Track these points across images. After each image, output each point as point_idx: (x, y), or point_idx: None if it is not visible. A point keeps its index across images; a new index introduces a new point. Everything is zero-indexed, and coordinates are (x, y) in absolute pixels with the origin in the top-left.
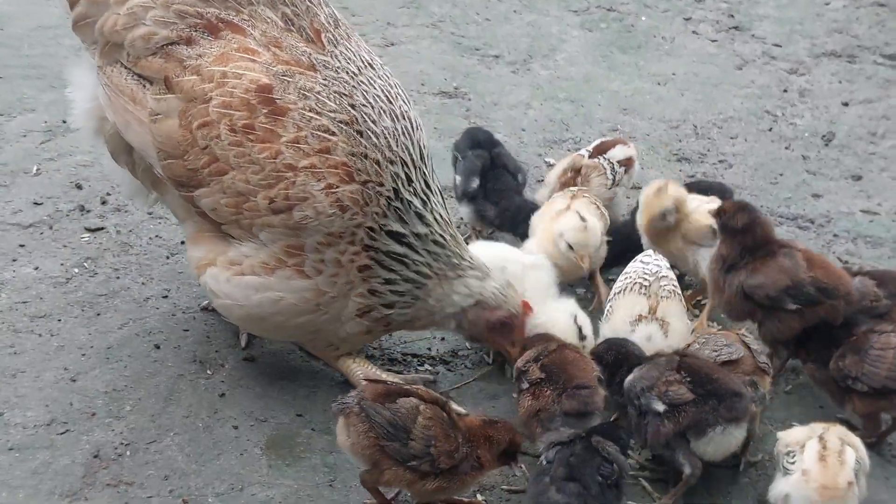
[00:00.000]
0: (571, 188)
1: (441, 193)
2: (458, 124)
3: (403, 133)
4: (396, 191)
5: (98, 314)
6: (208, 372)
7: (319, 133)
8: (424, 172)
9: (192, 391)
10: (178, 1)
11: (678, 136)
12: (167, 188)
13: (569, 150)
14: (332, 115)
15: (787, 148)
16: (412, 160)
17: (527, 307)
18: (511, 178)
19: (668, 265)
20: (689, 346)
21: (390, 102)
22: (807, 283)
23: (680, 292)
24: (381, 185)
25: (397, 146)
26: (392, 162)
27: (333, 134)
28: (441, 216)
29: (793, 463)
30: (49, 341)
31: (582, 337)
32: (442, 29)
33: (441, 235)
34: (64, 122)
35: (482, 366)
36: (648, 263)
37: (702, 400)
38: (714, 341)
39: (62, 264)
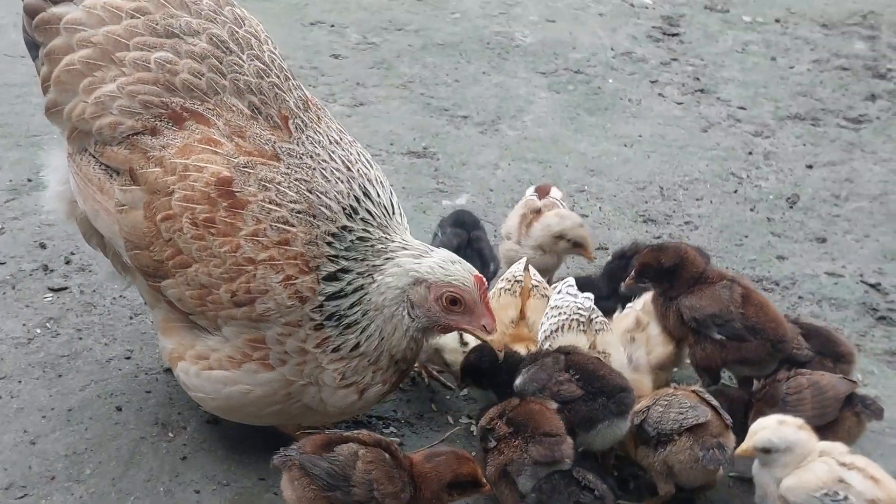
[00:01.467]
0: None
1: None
2: (427, 184)
3: (361, 190)
4: (330, 244)
5: (60, 375)
6: (170, 434)
7: (278, 225)
8: (390, 225)
9: (153, 454)
10: (143, 91)
11: (644, 197)
12: (135, 274)
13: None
14: (292, 205)
15: (752, 210)
16: (372, 217)
17: (480, 280)
18: (481, 265)
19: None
20: (649, 408)
21: (349, 170)
22: (734, 316)
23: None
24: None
25: (347, 203)
26: (332, 221)
27: (293, 225)
28: (370, 211)
29: (841, 501)
30: (9, 403)
31: (463, 343)
32: (412, 90)
33: (364, 230)
34: (29, 180)
35: (448, 427)
36: (577, 296)
37: (591, 396)
38: (678, 403)
39: (24, 324)
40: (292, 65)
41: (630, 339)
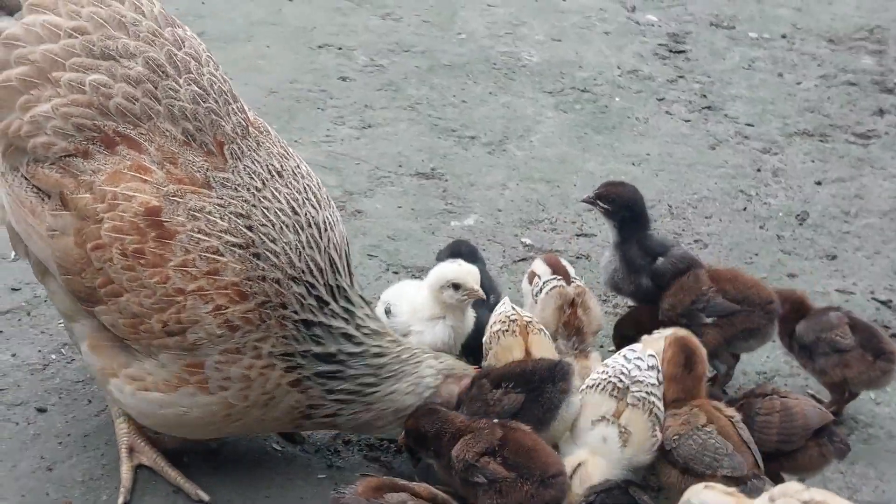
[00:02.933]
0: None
1: (366, 303)
2: (435, 205)
3: (308, 244)
4: (308, 314)
5: (75, 400)
6: (185, 459)
7: (208, 255)
8: (341, 287)
9: (170, 482)
10: (77, 113)
11: (653, 216)
12: (54, 286)
13: (545, 231)
14: (222, 235)
15: (761, 227)
16: (321, 271)
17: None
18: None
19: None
20: (681, 437)
21: (295, 213)
22: (711, 294)
23: (655, 401)
24: (284, 307)
25: (300, 261)
26: (296, 280)
27: (223, 255)
28: (373, 329)
29: None
30: (26, 429)
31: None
32: (419, 111)
33: (378, 346)
34: None
35: None
36: (630, 361)
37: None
38: (713, 446)
39: (39, 350)
40: (300, 88)
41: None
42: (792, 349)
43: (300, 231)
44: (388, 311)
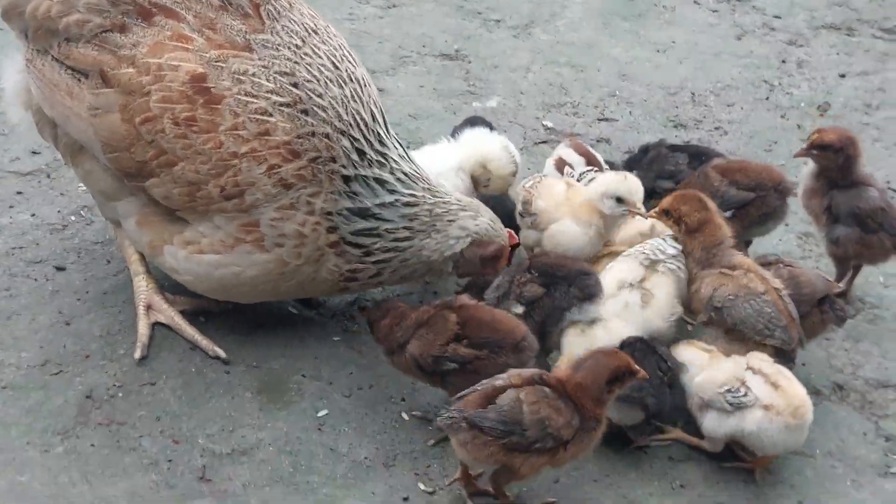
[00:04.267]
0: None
1: (402, 147)
2: (458, 86)
3: (353, 97)
4: (351, 168)
5: (94, 260)
6: (202, 319)
7: (257, 116)
8: (379, 133)
9: (187, 339)
10: None
11: (675, 102)
12: (90, 166)
13: (566, 115)
14: (269, 96)
15: (782, 117)
16: (365, 124)
17: (512, 237)
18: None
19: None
20: (737, 300)
21: (336, 68)
22: (723, 188)
23: (683, 276)
24: (334, 160)
25: (347, 114)
26: (343, 133)
27: (271, 115)
28: (406, 173)
29: (741, 399)
30: (45, 286)
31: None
32: None
33: (412, 195)
34: None
35: None
36: (667, 241)
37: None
38: (768, 316)
39: (59, 211)
40: None
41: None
42: (816, 209)
43: (343, 85)
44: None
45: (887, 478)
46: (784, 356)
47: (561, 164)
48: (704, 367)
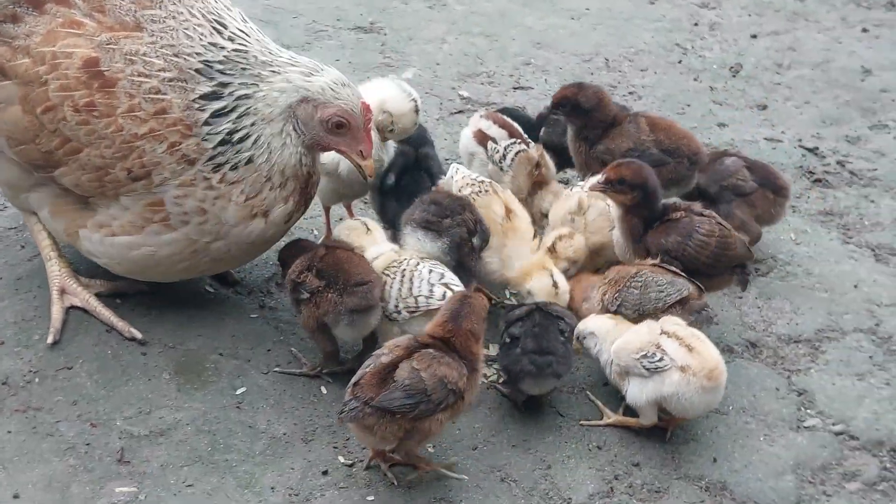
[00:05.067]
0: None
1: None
2: (374, 59)
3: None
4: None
5: (7, 246)
6: (118, 301)
7: (151, 96)
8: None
9: (103, 321)
10: None
11: (590, 69)
12: None
13: (482, 84)
14: (160, 73)
15: (695, 80)
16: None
17: (366, 107)
18: (431, 183)
19: None
20: (621, 292)
21: (207, 20)
22: (649, 144)
23: None
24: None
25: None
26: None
27: (165, 93)
28: (240, 30)
29: (657, 363)
30: None
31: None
32: None
33: (243, 43)
34: None
35: None
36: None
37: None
38: (654, 282)
39: None
40: None
41: (570, 220)
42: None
43: (204, 26)
44: None
45: (800, 431)
46: (693, 309)
47: (482, 138)
48: (612, 334)
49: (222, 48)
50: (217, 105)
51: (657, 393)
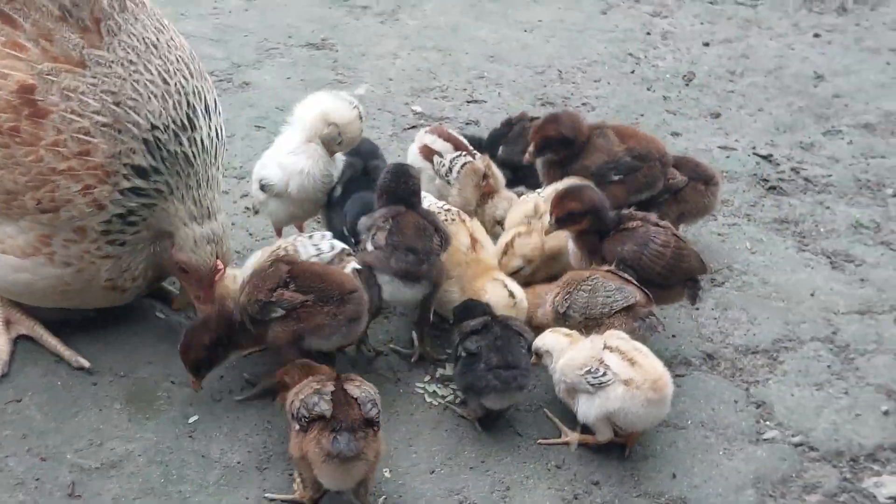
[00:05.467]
0: None
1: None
2: (325, 76)
3: (175, 108)
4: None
5: None
6: (66, 330)
7: (79, 136)
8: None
9: (49, 350)
10: None
11: (543, 81)
12: None
13: (435, 99)
14: (94, 116)
15: (648, 89)
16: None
17: (217, 269)
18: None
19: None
20: (571, 294)
21: (165, 83)
22: (622, 154)
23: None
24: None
25: (161, 117)
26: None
27: (93, 136)
28: (202, 149)
29: (601, 378)
30: None
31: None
32: None
33: (194, 153)
34: None
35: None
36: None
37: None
38: (602, 287)
39: None
40: None
41: (526, 223)
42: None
43: (168, 98)
44: (263, 188)
45: (759, 444)
46: (639, 316)
47: (428, 153)
48: (565, 351)
49: (180, 143)
50: (141, 184)
51: (604, 408)
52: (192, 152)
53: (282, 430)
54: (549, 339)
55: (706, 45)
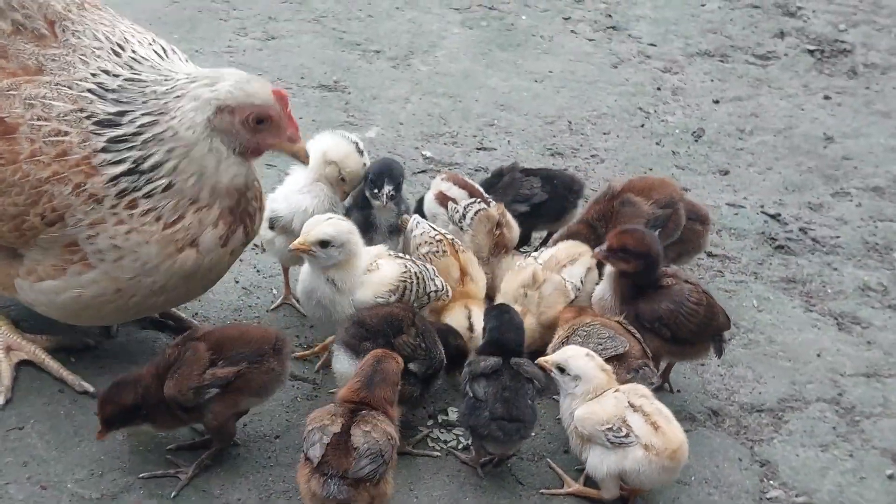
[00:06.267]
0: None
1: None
2: (337, 117)
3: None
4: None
5: None
6: (72, 360)
7: (52, 138)
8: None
9: (54, 379)
10: None
11: (552, 131)
12: None
13: (445, 144)
14: (59, 112)
15: (657, 144)
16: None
17: (279, 94)
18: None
19: None
20: (568, 339)
21: (108, 40)
22: (651, 210)
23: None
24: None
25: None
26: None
27: (66, 133)
28: (136, 53)
29: (622, 439)
30: None
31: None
32: (324, 24)
33: (136, 73)
34: None
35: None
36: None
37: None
38: (596, 334)
39: None
40: None
41: (523, 295)
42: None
43: (112, 52)
44: (271, 224)
45: (763, 503)
46: (631, 367)
47: (444, 199)
48: (597, 389)
49: (116, 76)
50: (115, 133)
51: (618, 466)
52: (135, 71)
53: (284, 467)
54: (583, 366)
55: (716, 102)
